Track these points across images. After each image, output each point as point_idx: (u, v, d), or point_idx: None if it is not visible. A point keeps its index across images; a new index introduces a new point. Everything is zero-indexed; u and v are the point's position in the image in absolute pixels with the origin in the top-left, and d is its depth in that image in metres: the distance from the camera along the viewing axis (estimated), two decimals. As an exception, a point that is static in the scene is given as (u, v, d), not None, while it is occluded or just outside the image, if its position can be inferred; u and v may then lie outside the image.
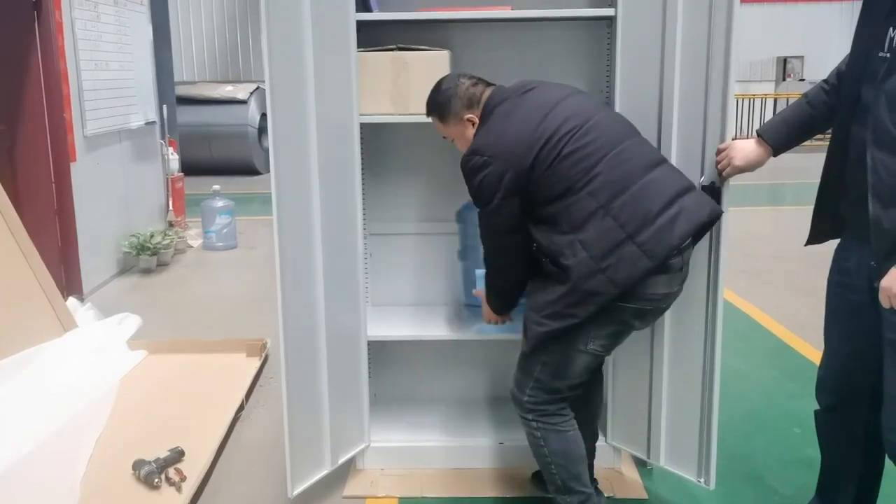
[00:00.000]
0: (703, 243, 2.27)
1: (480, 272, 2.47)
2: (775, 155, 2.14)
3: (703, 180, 2.22)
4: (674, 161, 2.27)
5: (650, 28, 2.31)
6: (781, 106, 13.26)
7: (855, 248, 1.96)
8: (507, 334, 2.71)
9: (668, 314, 2.37)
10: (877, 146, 1.73)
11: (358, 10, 2.46)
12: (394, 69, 2.52)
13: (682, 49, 2.23)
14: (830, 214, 2.02)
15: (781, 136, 2.11)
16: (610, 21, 2.56)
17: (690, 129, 2.26)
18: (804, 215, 2.15)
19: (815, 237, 2.09)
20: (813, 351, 3.85)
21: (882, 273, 1.75)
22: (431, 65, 2.52)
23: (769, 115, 13.48)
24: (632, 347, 2.53)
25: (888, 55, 1.76)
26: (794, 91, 13.02)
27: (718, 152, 2.18)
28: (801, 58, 14.20)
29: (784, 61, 14.39)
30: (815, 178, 2.07)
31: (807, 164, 9.77)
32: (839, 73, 2.04)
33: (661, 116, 2.32)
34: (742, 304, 4.76)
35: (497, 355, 2.99)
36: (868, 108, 1.79)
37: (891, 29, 1.77)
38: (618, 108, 2.46)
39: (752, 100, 13.75)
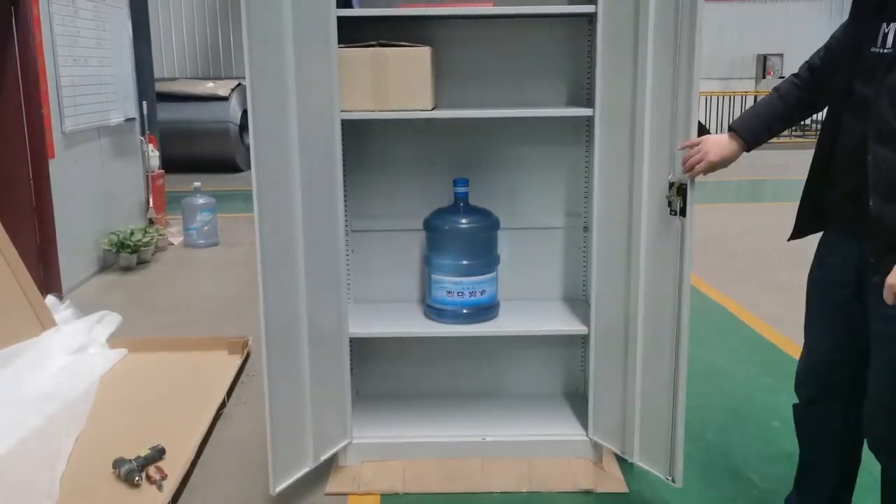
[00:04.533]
0: (673, 240, 2.27)
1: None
2: (748, 150, 2.15)
3: (671, 178, 2.23)
4: (645, 159, 2.29)
5: (627, 24, 2.32)
6: (761, 103, 13.35)
7: (841, 243, 1.97)
8: (488, 329, 2.72)
9: (640, 308, 2.39)
10: (878, 142, 1.74)
11: (339, 6, 2.45)
12: (374, 65, 2.52)
13: (653, 45, 2.24)
14: (815, 209, 2.03)
15: (755, 131, 2.12)
16: (591, 18, 2.57)
17: (660, 125, 2.27)
18: (783, 212, 2.16)
19: (799, 232, 2.10)
20: (792, 345, 3.89)
21: (885, 269, 1.74)
22: (412, 61, 2.52)
23: (749, 113, 13.60)
24: (608, 341, 2.56)
25: (886, 50, 1.77)
26: (773, 88, 13.12)
27: (690, 147, 2.17)
28: (781, 55, 14.32)
29: (764, 59, 14.51)
30: (794, 175, 2.09)
31: (785, 160, 9.87)
32: (811, 67, 2.06)
33: (634, 113, 2.33)
34: (722, 299, 4.80)
35: (478, 351, 2.99)
36: (865, 103, 1.79)
37: (884, 24, 1.79)
38: (597, 105, 2.48)
39: (732, 97, 13.85)
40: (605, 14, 2.41)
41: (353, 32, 2.58)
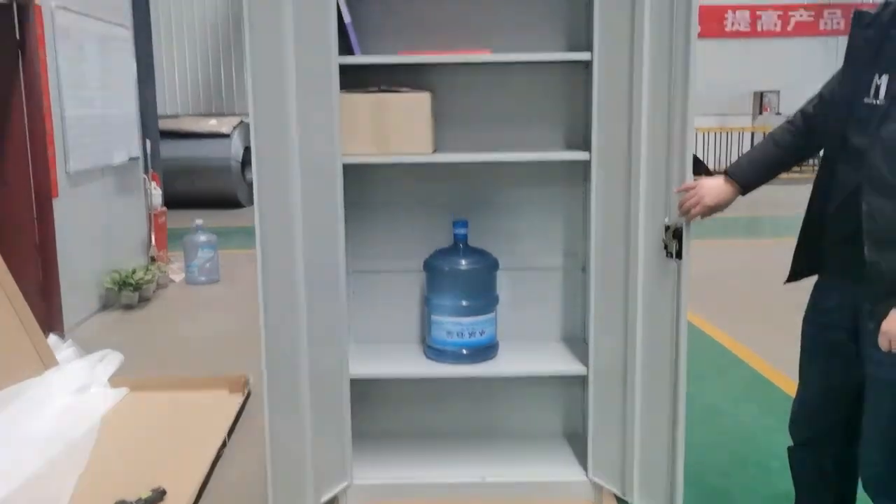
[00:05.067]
0: (669, 282, 2.30)
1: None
2: (743, 194, 2.20)
3: (667, 221, 2.26)
4: (641, 202, 2.33)
5: (622, 70, 2.38)
6: (759, 139, 13.47)
7: (836, 287, 2.00)
8: (487, 370, 2.74)
9: (638, 349, 2.41)
10: (872, 191, 1.78)
11: (341, 54, 2.52)
12: (375, 111, 2.57)
13: (647, 90, 2.30)
14: (811, 253, 2.06)
15: (749, 175, 2.17)
16: (587, 64, 2.63)
17: (656, 169, 2.31)
18: (782, 249, 2.19)
19: (795, 275, 2.13)
20: (791, 385, 3.87)
21: (881, 315, 1.78)
22: (412, 107, 2.58)
23: (747, 148, 13.71)
24: (607, 382, 2.57)
25: (879, 102, 1.81)
26: (770, 125, 13.24)
27: (686, 191, 2.22)
28: (777, 92, 14.48)
29: (761, 96, 14.67)
30: (793, 212, 2.12)
31: (784, 197, 9.92)
32: (805, 115, 2.11)
33: (630, 156, 2.38)
34: (721, 337, 4.81)
35: (478, 391, 3.01)
36: (859, 153, 1.84)
37: (876, 76, 1.84)
38: (594, 149, 2.53)
39: (729, 133, 13.98)
40: (601, 60, 2.47)
41: (354, 78, 2.64)
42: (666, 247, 2.26)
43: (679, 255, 2.24)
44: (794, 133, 2.12)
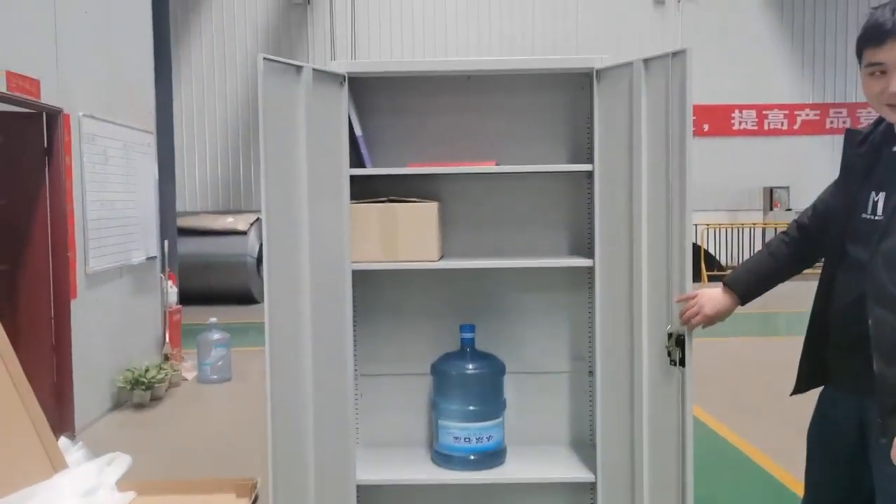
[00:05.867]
0: (674, 389, 2.31)
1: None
2: (742, 304, 2.23)
3: (669, 329, 2.30)
4: (644, 309, 2.37)
5: (622, 180, 2.47)
6: (769, 234, 13.55)
7: (841, 398, 2.00)
8: (495, 476, 2.72)
9: (645, 456, 2.40)
10: (877, 303, 1.81)
11: (352, 166, 2.63)
12: (384, 220, 2.66)
13: (646, 199, 2.38)
14: (816, 363, 2.07)
15: (748, 287, 2.21)
16: (589, 174, 2.72)
17: (657, 277, 2.37)
18: (793, 346, 2.19)
19: (801, 386, 2.12)
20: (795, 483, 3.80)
21: (892, 430, 1.76)
22: (420, 216, 2.67)
23: (758, 244, 13.78)
24: (615, 488, 2.55)
25: (878, 217, 1.86)
26: (781, 220, 13.35)
27: (685, 300, 2.26)
28: (787, 188, 14.65)
29: (771, 191, 14.83)
30: (803, 307, 2.11)
31: (795, 291, 9.92)
32: (800, 226, 2.16)
33: (632, 263, 2.43)
34: (732, 437, 4.74)
35: (486, 497, 2.97)
36: (859, 264, 1.88)
37: (873, 193, 1.90)
38: (597, 255, 2.59)
39: (740, 228, 14.08)
40: (602, 172, 2.57)
41: (365, 187, 2.74)
42: (669, 354, 2.29)
43: (682, 363, 2.26)
44: (790, 244, 2.18)
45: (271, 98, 2.31)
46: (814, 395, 2.13)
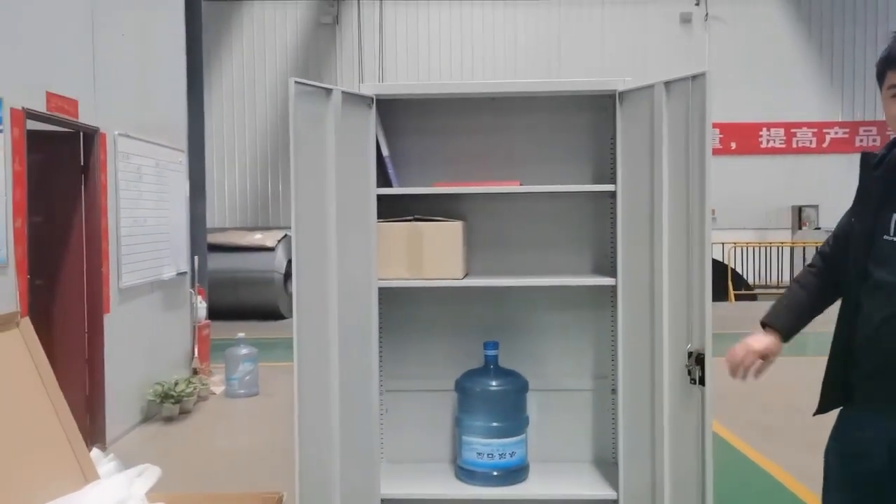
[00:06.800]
0: (694, 408, 2.33)
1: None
2: (786, 340, 2.18)
3: (689, 347, 2.32)
4: (665, 327, 2.40)
5: (643, 200, 2.51)
6: (798, 254, 13.43)
7: (867, 419, 1.99)
8: (517, 492, 2.75)
9: (666, 474, 2.42)
10: None
11: (379, 185, 2.70)
12: (410, 238, 2.72)
13: (668, 219, 2.42)
14: (839, 385, 2.06)
15: (786, 320, 2.17)
16: (612, 194, 2.76)
17: (677, 294, 2.40)
18: (817, 365, 2.19)
19: (825, 407, 2.11)
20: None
21: None
22: (445, 234, 2.72)
23: (786, 264, 13.66)
24: (637, 503, 2.57)
25: None
26: (809, 239, 13.23)
27: (734, 358, 2.16)
28: (816, 207, 14.52)
29: (799, 210, 14.72)
30: (828, 327, 2.10)
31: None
32: (823, 255, 2.18)
33: (653, 282, 2.47)
34: (759, 458, 4.71)
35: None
36: (882, 286, 1.90)
37: (893, 215, 1.92)
38: (619, 274, 2.63)
39: (768, 247, 13.96)
40: (624, 192, 2.61)
41: (392, 206, 2.80)
42: (689, 373, 2.31)
43: (703, 381, 2.28)
44: (817, 274, 2.19)
45: (301, 119, 2.38)
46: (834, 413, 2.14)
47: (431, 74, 13.74)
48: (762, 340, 2.15)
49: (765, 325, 2.20)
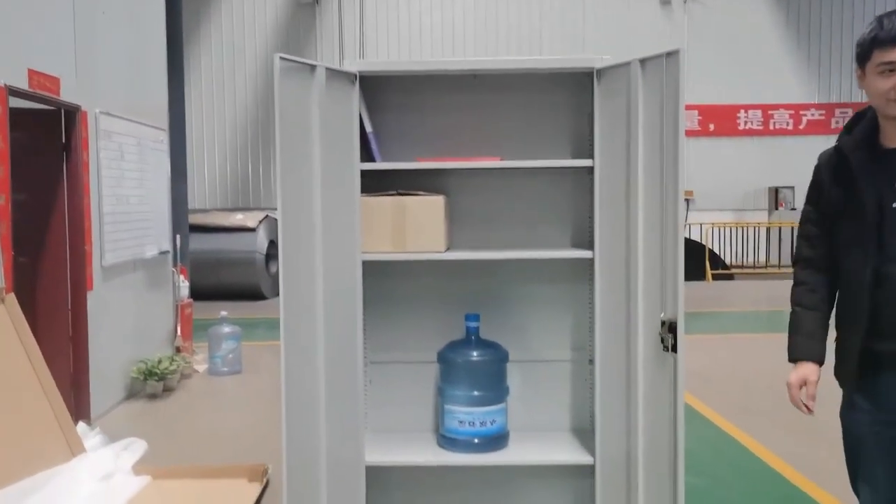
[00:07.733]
0: (667, 375, 2.43)
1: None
2: (821, 364, 2.24)
3: (662, 316, 2.41)
4: (639, 298, 2.49)
5: (619, 176, 2.58)
6: (774, 234, 13.64)
7: None
8: (498, 459, 2.84)
9: (640, 440, 2.51)
10: None
11: (363, 160, 2.75)
12: (393, 212, 2.78)
13: (642, 194, 2.50)
14: (866, 356, 2.08)
15: (813, 350, 2.24)
16: (590, 169, 2.83)
17: (651, 266, 2.48)
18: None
19: (849, 377, 2.15)
20: (808, 483, 3.89)
21: None
22: (427, 208, 2.78)
23: (762, 244, 13.87)
24: (612, 472, 2.66)
25: None
26: (786, 220, 13.43)
27: (793, 402, 2.26)
28: (792, 188, 14.71)
29: (776, 191, 14.91)
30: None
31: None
32: (809, 261, 2.27)
33: (629, 254, 2.55)
34: (740, 435, 4.81)
35: (490, 480, 3.08)
36: None
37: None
38: (596, 247, 2.71)
39: (745, 228, 14.16)
40: (601, 167, 2.68)
41: (375, 181, 2.86)
42: (663, 341, 2.40)
43: (675, 348, 2.37)
44: (816, 286, 2.25)
45: (286, 96, 2.43)
46: (825, 391, 2.18)
47: (413, 54, 13.73)
48: (799, 376, 2.23)
49: (794, 360, 2.26)
